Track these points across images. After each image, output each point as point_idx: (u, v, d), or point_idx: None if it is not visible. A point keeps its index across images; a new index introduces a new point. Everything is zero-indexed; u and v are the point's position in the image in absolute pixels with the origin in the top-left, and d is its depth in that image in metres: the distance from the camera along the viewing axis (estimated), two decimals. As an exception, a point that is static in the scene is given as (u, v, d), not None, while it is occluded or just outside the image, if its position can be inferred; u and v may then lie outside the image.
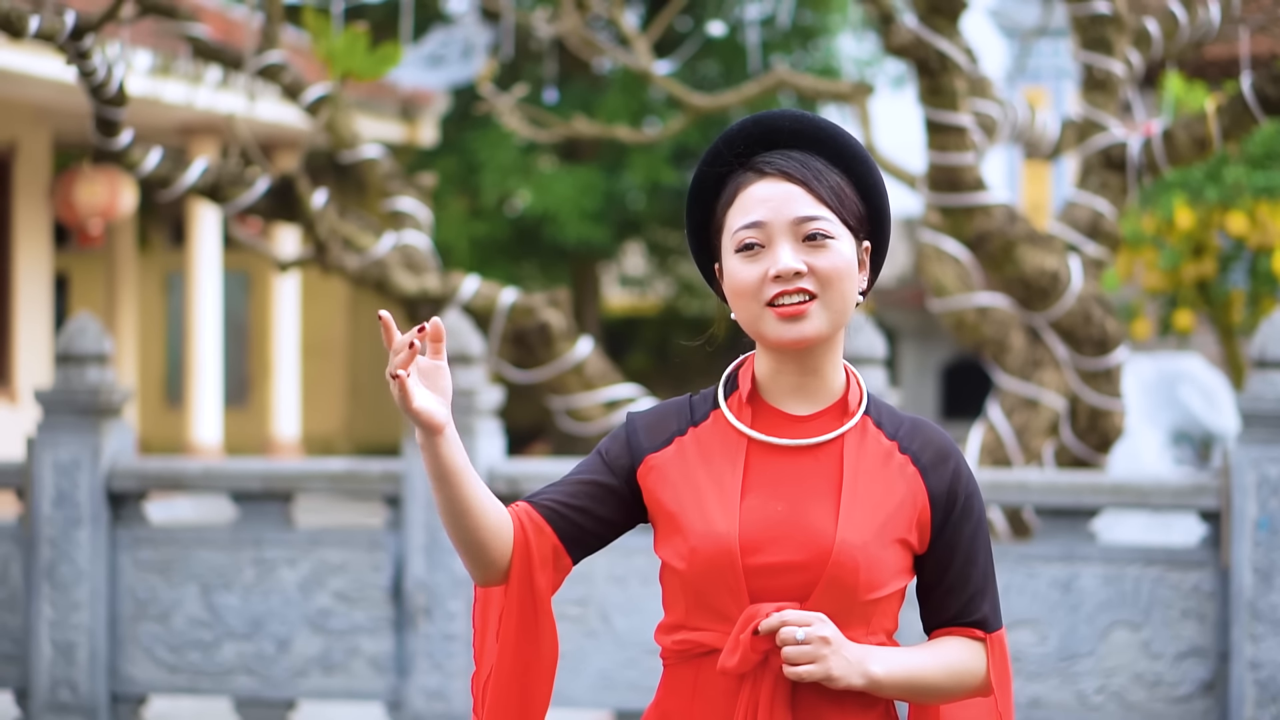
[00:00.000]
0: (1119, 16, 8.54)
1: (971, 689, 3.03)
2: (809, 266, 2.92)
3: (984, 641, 3.02)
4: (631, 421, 3.08)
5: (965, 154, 7.94)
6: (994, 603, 3.04)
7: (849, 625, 2.93)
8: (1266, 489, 6.85)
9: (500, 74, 19.78)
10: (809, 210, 2.94)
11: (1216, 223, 14.58)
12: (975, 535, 3.01)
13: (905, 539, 2.96)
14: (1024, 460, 8.15)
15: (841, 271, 2.93)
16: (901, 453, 2.99)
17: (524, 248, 22.60)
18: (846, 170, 3.00)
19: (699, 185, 3.03)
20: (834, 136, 3.02)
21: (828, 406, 3.01)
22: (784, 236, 2.94)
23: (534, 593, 3.01)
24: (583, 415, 8.24)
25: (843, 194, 2.97)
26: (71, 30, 6.82)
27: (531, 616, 3.02)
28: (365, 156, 8.64)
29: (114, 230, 18.83)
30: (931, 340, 22.76)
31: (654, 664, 7.30)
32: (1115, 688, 7.08)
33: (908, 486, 2.97)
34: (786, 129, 3.01)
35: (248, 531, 7.67)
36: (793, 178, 2.95)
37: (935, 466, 2.99)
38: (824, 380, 3.01)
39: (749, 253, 2.95)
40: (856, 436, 2.99)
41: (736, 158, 3.01)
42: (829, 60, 23.24)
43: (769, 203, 2.95)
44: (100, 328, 7.78)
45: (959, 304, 8.49)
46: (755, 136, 3.01)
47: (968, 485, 3.01)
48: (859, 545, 2.91)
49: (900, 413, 3.05)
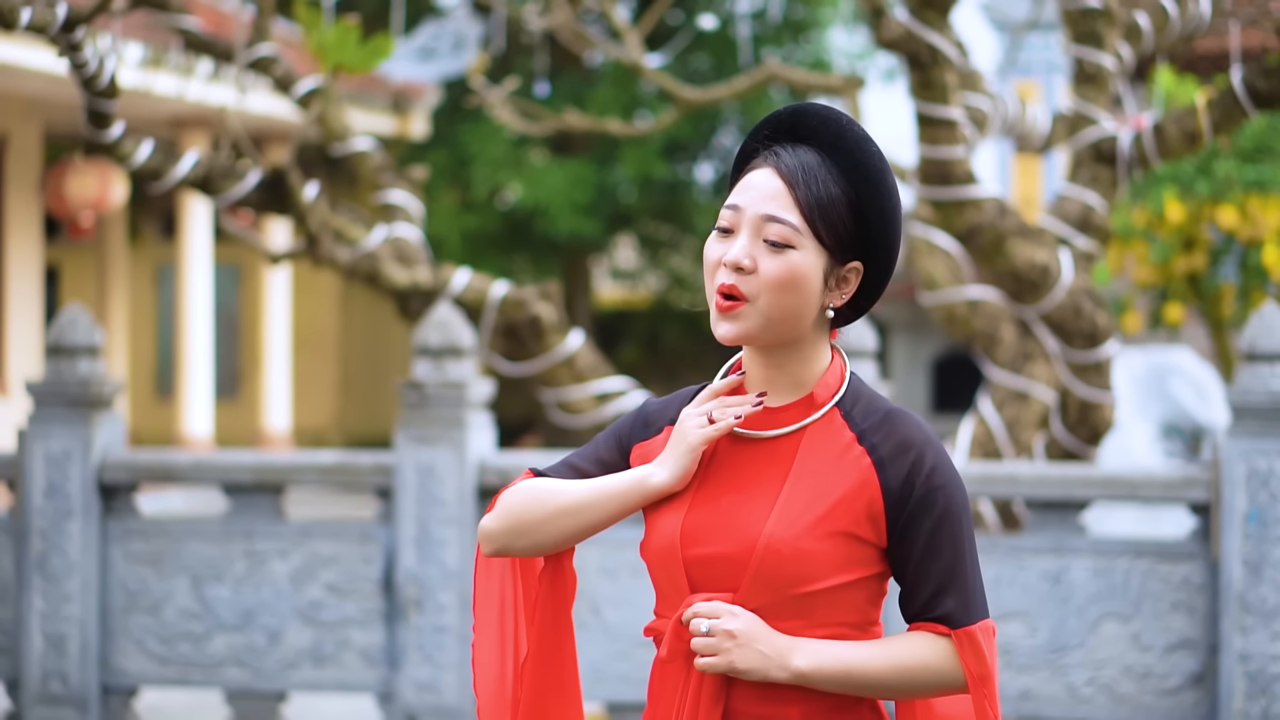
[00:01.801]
0: (1110, 10, 8.55)
1: (941, 684, 2.96)
2: (755, 266, 2.92)
3: (949, 637, 2.95)
4: (645, 406, 3.15)
5: (956, 148, 7.95)
6: (964, 598, 2.94)
7: (783, 618, 2.92)
8: (1256, 482, 6.87)
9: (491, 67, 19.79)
10: (778, 212, 2.93)
11: (1207, 216, 14.60)
12: (938, 530, 2.93)
13: (852, 532, 2.92)
14: (1014, 453, 8.17)
15: (782, 282, 2.91)
16: (860, 444, 2.96)
17: (515, 241, 22.61)
18: (853, 185, 2.96)
19: (738, 157, 3.06)
20: (854, 148, 2.98)
21: (799, 399, 3.01)
22: (748, 228, 2.94)
23: (561, 559, 3.14)
24: (574, 408, 8.26)
25: (830, 207, 2.94)
26: (63, 22, 6.82)
27: (563, 577, 3.13)
28: (357, 149, 8.65)
29: (104, 222, 18.83)
30: (922, 334, 22.79)
31: (644, 656, 7.32)
32: (1105, 680, 7.10)
33: (858, 479, 2.93)
34: (813, 125, 2.99)
35: (239, 524, 7.68)
36: (783, 175, 2.94)
37: (893, 459, 2.94)
38: (791, 375, 3.00)
39: (721, 234, 2.97)
40: (819, 430, 2.98)
41: (765, 139, 3.02)
42: (819, 53, 23.25)
43: (752, 191, 2.95)
44: (91, 320, 7.79)
45: (950, 297, 8.51)
46: (786, 124, 3.01)
47: (930, 479, 2.93)
48: (787, 539, 2.90)
49: (881, 404, 3.00)
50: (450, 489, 7.39)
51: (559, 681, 3.13)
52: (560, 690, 3.13)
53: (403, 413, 7.50)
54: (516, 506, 3.04)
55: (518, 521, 3.03)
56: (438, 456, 7.40)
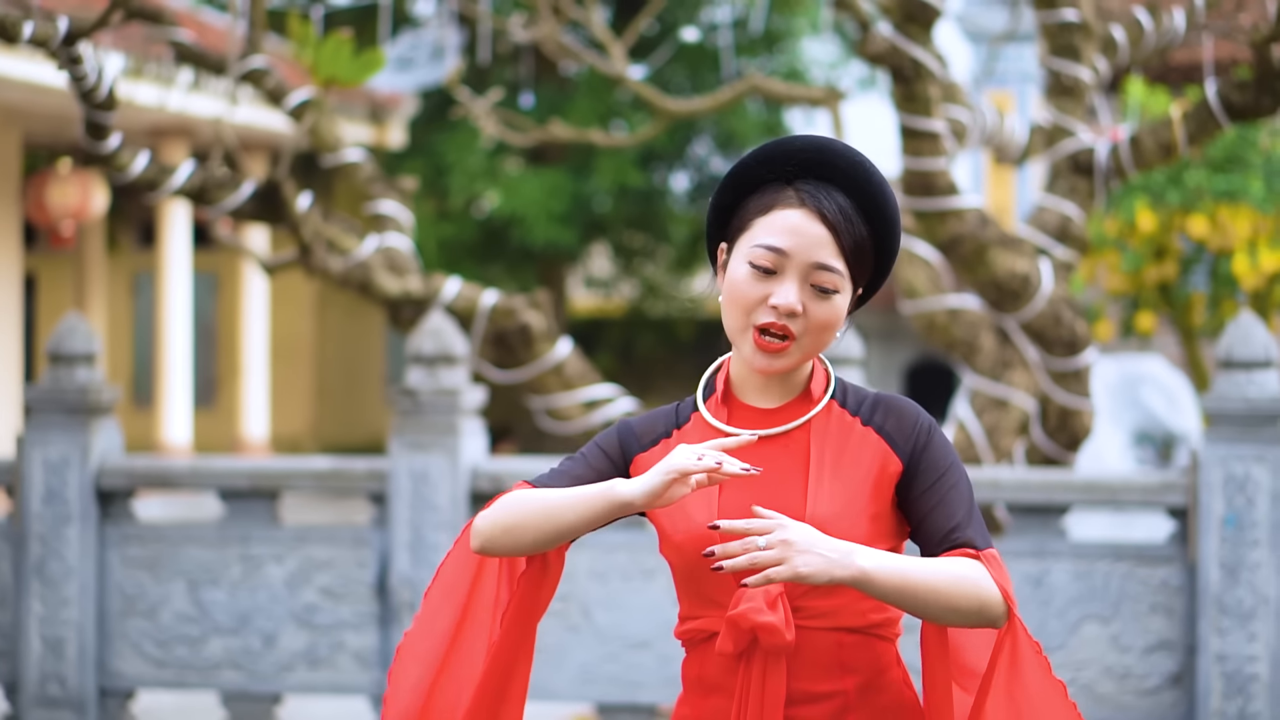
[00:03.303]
0: (1088, 25, 8.69)
1: (981, 598, 3.05)
2: (805, 309, 3.09)
3: (978, 557, 3.09)
4: (625, 424, 3.28)
5: (938, 159, 8.08)
6: (980, 530, 3.12)
7: (835, 592, 3.09)
8: (1233, 486, 7.01)
9: (470, 77, 19.90)
10: (828, 260, 3.09)
11: (1178, 226, 14.73)
12: (946, 477, 3.13)
13: (879, 502, 3.13)
14: (994, 459, 8.29)
15: (831, 324, 3.11)
16: (865, 425, 3.17)
17: (491, 250, 22.71)
18: (875, 224, 3.13)
19: (742, 175, 3.16)
20: (879, 192, 3.14)
21: (795, 398, 3.20)
22: (796, 274, 3.09)
23: (546, 566, 3.24)
24: (562, 415, 8.38)
25: (862, 250, 3.12)
26: (64, 36, 6.94)
27: (544, 578, 3.24)
28: (348, 160, 8.76)
29: (83, 231, 18.88)
30: (896, 341, 22.96)
31: (633, 658, 7.46)
32: (1085, 680, 7.23)
33: (874, 453, 3.14)
34: (842, 167, 3.13)
35: (235, 529, 7.79)
36: (827, 221, 3.09)
37: (899, 430, 3.16)
38: (789, 380, 3.20)
39: (760, 273, 3.10)
40: (822, 420, 3.17)
41: (786, 171, 3.14)
42: (794, 63, 23.40)
43: (798, 237, 3.08)
44: (89, 328, 7.90)
45: (930, 306, 8.63)
46: (811, 161, 3.13)
47: (933, 437, 3.16)
48: (829, 517, 3.07)
49: (865, 391, 3.22)
50: (443, 494, 7.51)
51: (508, 685, 3.25)
52: (505, 696, 3.25)
53: (396, 419, 7.63)
54: (507, 505, 3.16)
55: (504, 519, 3.15)
56: (431, 462, 7.52)
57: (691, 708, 3.20)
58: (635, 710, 7.53)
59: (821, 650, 3.11)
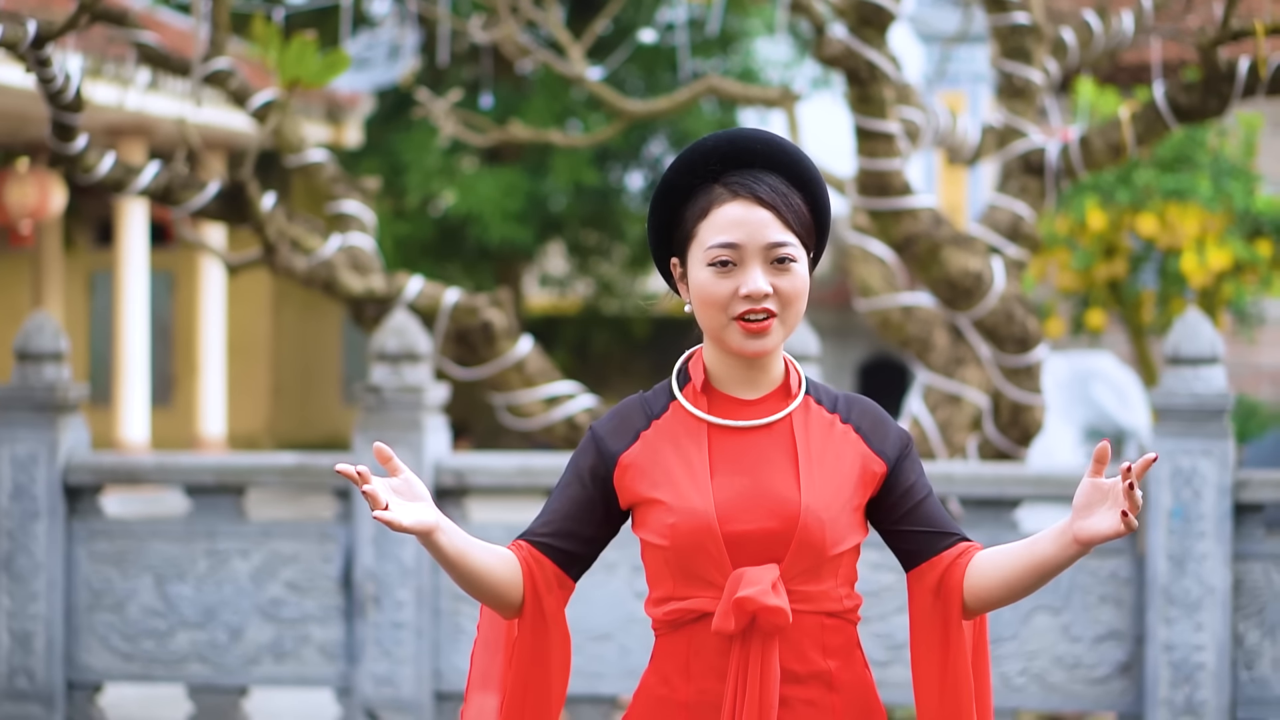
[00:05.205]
0: (1038, 27, 8.82)
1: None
2: (774, 288, 3.26)
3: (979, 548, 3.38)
4: (595, 431, 3.39)
5: (893, 160, 8.21)
6: (956, 524, 3.43)
7: (821, 578, 3.28)
8: (1180, 480, 7.17)
9: (428, 77, 19.97)
10: (779, 236, 3.26)
11: (1127, 224, 14.87)
12: (921, 476, 3.39)
13: (858, 498, 3.32)
14: (948, 454, 8.42)
15: (801, 292, 3.28)
16: (844, 423, 3.36)
17: (447, 248, 22.78)
18: (805, 191, 3.32)
19: (669, 190, 3.32)
20: (798, 160, 3.33)
21: (773, 390, 3.36)
22: (755, 259, 3.26)
23: (544, 616, 3.34)
24: (523, 411, 8.49)
25: (803, 217, 3.30)
26: (33, 39, 7.03)
27: (544, 634, 3.35)
28: (311, 160, 8.86)
29: (39, 230, 18.89)
30: (849, 339, 23.09)
31: (594, 650, 7.57)
32: (1037, 670, 7.38)
33: (855, 451, 3.33)
34: (759, 151, 3.31)
35: (201, 524, 7.88)
36: (765, 203, 3.27)
37: (874, 430, 3.37)
38: (768, 370, 3.35)
39: (722, 269, 3.26)
40: (801, 413, 3.34)
41: (709, 172, 3.30)
42: (747, 64, 23.52)
43: (744, 226, 3.26)
44: (57, 326, 7.98)
45: (885, 303, 8.75)
46: (729, 154, 3.30)
47: (903, 437, 3.40)
48: (822, 507, 3.26)
49: (832, 390, 3.42)
50: (408, 489, 7.60)
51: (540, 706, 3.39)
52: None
53: (361, 415, 7.74)
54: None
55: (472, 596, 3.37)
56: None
57: (671, 689, 3.31)
58: (596, 701, 7.65)
59: (807, 632, 3.28)
